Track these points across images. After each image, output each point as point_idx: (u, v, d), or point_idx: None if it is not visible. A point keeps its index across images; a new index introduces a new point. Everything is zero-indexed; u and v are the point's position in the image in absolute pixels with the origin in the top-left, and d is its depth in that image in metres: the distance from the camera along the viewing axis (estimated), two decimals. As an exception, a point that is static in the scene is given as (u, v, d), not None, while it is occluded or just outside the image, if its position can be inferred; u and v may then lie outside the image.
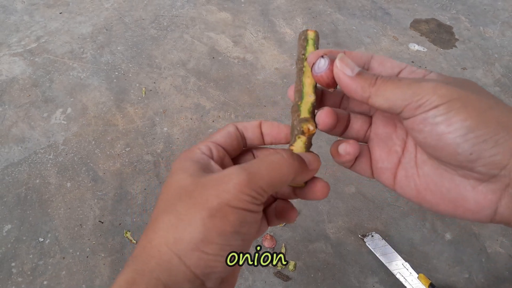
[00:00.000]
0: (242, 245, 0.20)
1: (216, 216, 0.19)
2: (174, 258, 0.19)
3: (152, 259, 0.19)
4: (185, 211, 0.20)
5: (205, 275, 0.19)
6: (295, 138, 0.23)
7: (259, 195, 0.20)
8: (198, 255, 0.19)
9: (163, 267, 0.19)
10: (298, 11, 1.32)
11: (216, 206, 0.19)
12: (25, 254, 0.74)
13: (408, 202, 0.88)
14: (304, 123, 0.23)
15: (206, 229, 0.19)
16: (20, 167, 0.87)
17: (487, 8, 1.42)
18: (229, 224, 0.19)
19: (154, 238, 0.20)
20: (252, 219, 0.20)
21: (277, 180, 0.21)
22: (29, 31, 1.16)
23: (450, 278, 0.77)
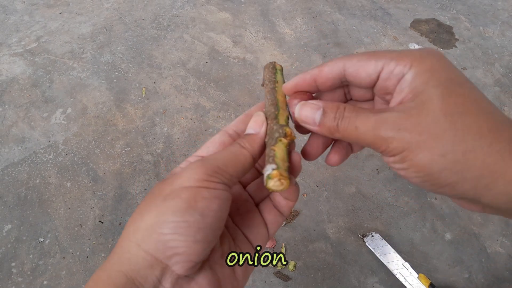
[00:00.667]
0: (203, 221, 0.20)
1: (169, 198, 0.20)
2: (133, 247, 0.19)
3: (115, 255, 0.20)
4: (144, 205, 0.21)
5: (167, 258, 0.19)
6: (276, 140, 0.24)
7: (215, 172, 0.21)
8: (156, 237, 0.19)
9: (123, 258, 0.19)
10: (298, 11, 1.32)
11: (169, 191, 0.20)
12: (25, 254, 0.74)
13: (408, 202, 0.88)
14: (287, 127, 0.24)
15: (160, 211, 0.20)
16: (20, 167, 0.87)
17: (487, 8, 1.42)
18: (181, 201, 0.19)
19: (120, 238, 0.21)
20: (209, 194, 0.20)
21: (232, 159, 0.22)
22: (29, 31, 1.16)
23: (450, 278, 0.77)
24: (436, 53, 0.20)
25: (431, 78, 0.19)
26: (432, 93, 0.19)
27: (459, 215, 0.87)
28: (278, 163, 0.22)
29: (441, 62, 0.20)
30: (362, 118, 0.20)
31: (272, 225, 0.25)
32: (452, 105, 0.18)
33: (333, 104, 0.22)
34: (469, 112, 0.18)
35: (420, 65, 0.19)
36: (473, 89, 0.19)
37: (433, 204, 0.88)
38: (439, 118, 0.18)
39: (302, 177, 0.89)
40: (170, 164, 0.90)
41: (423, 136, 0.19)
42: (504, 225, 0.86)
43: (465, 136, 0.18)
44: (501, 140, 0.18)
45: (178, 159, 0.91)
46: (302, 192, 0.87)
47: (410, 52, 0.20)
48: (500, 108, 1.10)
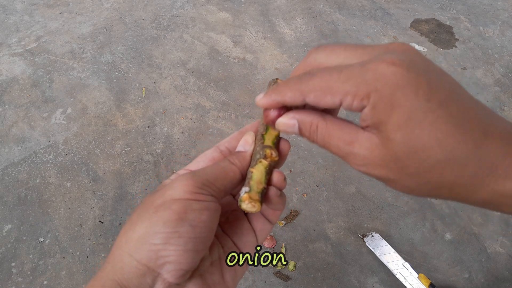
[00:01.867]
0: (193, 231, 0.20)
1: (160, 209, 0.21)
2: (126, 256, 0.20)
3: (108, 265, 0.21)
4: (136, 216, 0.22)
5: (159, 266, 0.20)
6: (256, 162, 0.24)
7: (204, 185, 0.22)
8: (147, 247, 0.20)
9: (116, 268, 0.20)
10: (298, 11, 1.32)
11: (160, 203, 0.21)
12: (25, 254, 0.74)
13: (408, 202, 0.88)
14: (267, 149, 0.25)
15: (151, 222, 0.20)
16: (20, 167, 0.87)
17: (487, 8, 1.42)
18: (172, 212, 0.20)
19: (113, 247, 0.21)
20: (199, 206, 0.21)
21: (220, 174, 0.23)
22: (29, 31, 1.16)
23: (450, 278, 0.77)
24: (399, 66, 0.19)
25: (390, 116, 0.18)
26: (393, 132, 0.19)
27: (459, 215, 0.87)
28: (252, 185, 0.23)
29: (404, 82, 0.18)
30: (333, 143, 0.21)
31: (260, 233, 0.26)
32: (416, 141, 0.18)
33: (306, 121, 0.22)
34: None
35: (379, 99, 0.19)
36: (443, 100, 0.18)
37: (433, 204, 0.88)
38: (404, 159, 0.19)
39: (302, 177, 0.89)
40: (170, 164, 0.90)
41: (389, 165, 0.20)
42: (504, 225, 0.86)
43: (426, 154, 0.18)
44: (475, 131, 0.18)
45: (178, 159, 0.91)
46: (302, 192, 0.87)
47: (370, 74, 0.19)
48: (500, 108, 1.10)
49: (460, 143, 0.18)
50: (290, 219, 0.82)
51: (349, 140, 0.20)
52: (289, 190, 0.86)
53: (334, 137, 0.21)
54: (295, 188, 0.87)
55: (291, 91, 0.21)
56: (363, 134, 0.20)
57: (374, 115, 0.19)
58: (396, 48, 0.20)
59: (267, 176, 0.24)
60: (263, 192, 0.24)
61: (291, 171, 0.90)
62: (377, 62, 0.19)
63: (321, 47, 0.22)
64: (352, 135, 0.20)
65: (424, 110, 0.18)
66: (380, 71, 0.18)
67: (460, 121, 0.18)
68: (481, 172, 0.18)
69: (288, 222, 0.82)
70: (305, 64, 0.23)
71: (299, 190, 0.87)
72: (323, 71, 0.20)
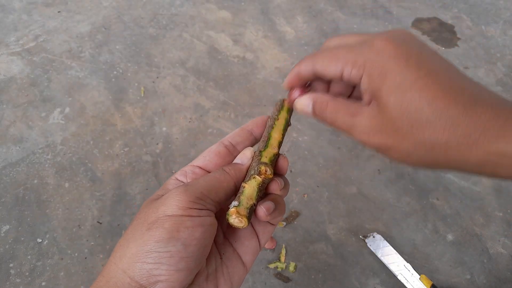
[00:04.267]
0: (185, 250, 0.20)
1: (153, 228, 0.21)
2: (119, 272, 0.20)
3: (103, 278, 0.21)
4: (130, 231, 0.22)
5: (151, 284, 0.20)
6: (250, 177, 0.25)
7: (198, 199, 0.22)
8: (140, 265, 0.20)
9: (111, 283, 0.20)
10: (298, 10, 1.31)
11: (153, 219, 0.21)
12: (23, 255, 0.74)
13: (410, 202, 0.87)
14: (262, 165, 0.25)
15: (144, 241, 0.20)
16: (18, 167, 0.86)
17: (489, 7, 1.41)
18: (164, 231, 0.20)
19: (108, 262, 0.22)
20: (192, 223, 0.21)
21: (214, 184, 0.23)
22: (27, 30, 1.15)
23: (452, 279, 0.77)
24: (392, 41, 0.21)
25: (383, 82, 0.20)
26: (386, 96, 0.20)
27: (461, 215, 0.86)
28: (242, 200, 0.23)
29: (395, 53, 0.21)
30: (340, 117, 0.23)
31: (263, 235, 0.26)
32: (407, 103, 0.20)
33: (320, 100, 0.25)
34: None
35: (373, 67, 0.21)
36: (432, 70, 0.20)
37: (435, 205, 0.88)
38: (398, 121, 0.20)
39: (303, 177, 0.88)
40: (169, 164, 0.89)
41: (390, 135, 0.21)
42: (506, 225, 0.85)
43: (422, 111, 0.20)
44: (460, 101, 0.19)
45: (177, 160, 0.90)
46: (302, 192, 0.86)
47: (366, 47, 0.21)
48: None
49: (450, 105, 0.19)
50: (291, 220, 0.82)
51: (354, 112, 0.23)
52: (290, 191, 0.85)
53: (341, 111, 0.23)
54: (296, 189, 0.86)
55: (304, 62, 0.25)
56: (366, 108, 0.22)
57: (370, 82, 0.21)
58: (392, 31, 0.22)
59: (259, 193, 0.24)
60: (252, 209, 0.23)
61: (292, 171, 0.89)
62: (373, 39, 0.22)
63: (335, 36, 0.26)
64: (357, 108, 0.23)
65: (415, 76, 0.19)
66: (375, 45, 0.21)
67: (449, 87, 0.19)
68: (473, 133, 0.18)
69: (288, 223, 0.81)
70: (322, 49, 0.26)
71: (300, 190, 0.86)
72: (332, 47, 0.24)
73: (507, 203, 0.89)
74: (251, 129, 0.28)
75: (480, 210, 0.87)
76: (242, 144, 0.27)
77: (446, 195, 0.89)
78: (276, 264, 0.75)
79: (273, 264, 0.75)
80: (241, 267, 0.24)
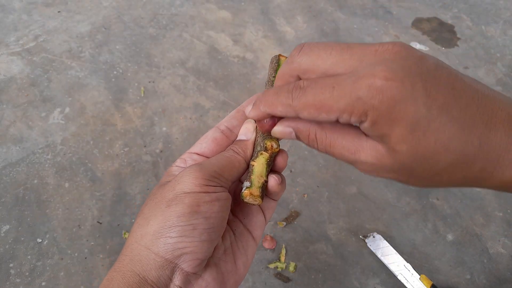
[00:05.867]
0: (207, 222, 0.21)
1: (173, 204, 0.21)
2: (143, 250, 0.21)
3: (126, 257, 0.22)
4: (148, 210, 0.22)
5: (176, 258, 0.21)
6: (257, 154, 0.25)
7: (212, 177, 0.23)
8: (164, 240, 0.21)
9: (135, 260, 0.21)
10: (298, 10, 1.31)
11: (172, 197, 0.22)
12: (23, 255, 0.74)
13: (410, 203, 0.87)
14: (268, 140, 0.25)
15: (165, 217, 0.21)
16: (18, 167, 0.86)
17: (489, 7, 1.41)
18: (185, 206, 0.21)
19: (128, 241, 0.22)
20: (210, 198, 0.22)
21: (227, 165, 0.24)
22: (27, 30, 1.15)
23: (452, 279, 0.77)
24: (393, 77, 0.18)
25: (392, 130, 0.18)
26: (398, 144, 0.18)
27: (461, 215, 0.86)
28: (253, 180, 0.24)
29: (400, 96, 0.18)
30: (337, 152, 0.21)
31: (267, 211, 0.27)
32: (423, 151, 0.18)
33: (303, 130, 0.22)
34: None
35: (378, 116, 0.18)
36: (443, 103, 0.18)
37: (435, 205, 0.87)
38: (413, 167, 0.19)
39: (303, 177, 0.88)
40: (169, 164, 0.89)
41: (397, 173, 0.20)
42: (506, 225, 0.85)
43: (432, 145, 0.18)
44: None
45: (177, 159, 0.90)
46: (302, 192, 0.86)
47: (364, 89, 0.18)
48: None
49: (466, 143, 0.18)
50: (291, 220, 0.81)
51: (353, 149, 0.20)
52: (290, 191, 0.85)
53: (337, 146, 0.21)
54: (296, 189, 0.86)
55: (282, 106, 0.21)
56: (367, 143, 0.20)
57: (376, 130, 0.19)
58: (386, 52, 0.19)
59: (268, 168, 0.25)
60: (264, 186, 0.24)
61: (292, 171, 0.89)
62: (369, 77, 0.18)
63: (305, 48, 0.21)
64: (355, 143, 0.20)
65: (426, 119, 0.18)
66: (375, 87, 0.17)
67: (463, 121, 0.18)
68: (488, 166, 0.18)
69: (288, 223, 0.81)
70: (290, 69, 0.22)
71: (300, 190, 0.86)
72: (314, 85, 0.19)
73: (507, 203, 0.89)
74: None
75: (480, 210, 0.87)
76: (239, 127, 0.27)
77: (446, 195, 0.89)
78: (276, 264, 0.75)
79: (273, 264, 0.75)
80: (252, 241, 0.26)
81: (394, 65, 0.18)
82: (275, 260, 0.76)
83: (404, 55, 0.19)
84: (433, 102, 0.18)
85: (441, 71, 0.19)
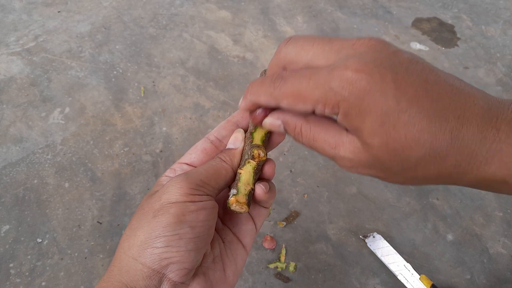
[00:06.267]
0: (192, 232, 0.21)
1: (159, 214, 0.22)
2: (131, 260, 0.21)
3: (114, 268, 0.22)
4: (135, 221, 0.23)
5: (163, 268, 0.21)
6: (244, 162, 0.25)
7: (198, 186, 0.23)
8: (150, 251, 0.21)
9: (123, 271, 0.21)
10: (298, 10, 1.31)
11: (158, 207, 0.22)
12: (23, 255, 0.74)
13: (410, 203, 0.87)
14: (255, 149, 0.25)
15: (151, 228, 0.21)
16: (18, 167, 0.86)
17: (489, 7, 1.41)
18: (170, 216, 0.21)
19: (117, 252, 0.23)
20: (195, 207, 0.22)
21: (213, 173, 0.24)
22: (27, 30, 1.15)
23: (452, 279, 0.77)
24: (364, 69, 0.18)
25: (363, 122, 0.18)
26: (369, 137, 0.19)
27: (461, 215, 0.86)
28: (239, 188, 0.24)
29: (370, 87, 0.18)
30: (319, 146, 0.21)
31: (258, 219, 0.27)
32: (394, 144, 0.18)
33: (290, 123, 0.22)
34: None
35: (349, 107, 0.18)
36: (413, 97, 0.18)
37: (435, 205, 0.87)
38: (386, 161, 0.19)
39: (303, 177, 0.88)
40: (169, 164, 0.89)
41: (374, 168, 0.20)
42: (506, 225, 0.85)
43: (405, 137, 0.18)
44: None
45: (177, 159, 0.90)
46: (302, 192, 0.86)
47: (337, 81, 0.18)
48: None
49: (437, 137, 0.18)
50: (291, 220, 0.81)
51: (334, 143, 0.21)
52: (290, 191, 0.85)
53: (319, 140, 0.21)
54: (296, 189, 0.86)
55: (264, 95, 0.21)
56: (347, 137, 0.20)
57: (347, 122, 0.19)
58: (361, 46, 0.19)
59: (255, 176, 0.25)
60: (251, 194, 0.24)
61: (292, 171, 0.89)
62: (342, 68, 0.18)
63: (291, 40, 0.22)
64: (337, 138, 0.21)
65: (396, 111, 0.18)
66: (345, 79, 0.18)
67: (434, 114, 0.18)
68: (462, 161, 0.18)
69: (288, 223, 0.81)
70: (277, 59, 0.23)
71: (300, 190, 0.86)
72: (293, 76, 0.20)
73: (507, 203, 0.89)
74: (236, 121, 0.27)
75: (480, 210, 0.87)
76: (229, 137, 0.27)
77: (446, 195, 0.89)
78: (276, 264, 0.75)
79: (273, 264, 0.75)
80: (242, 249, 0.26)
81: (366, 57, 0.18)
82: (275, 260, 0.76)
83: (379, 48, 0.19)
84: (403, 95, 0.18)
85: (415, 65, 0.19)
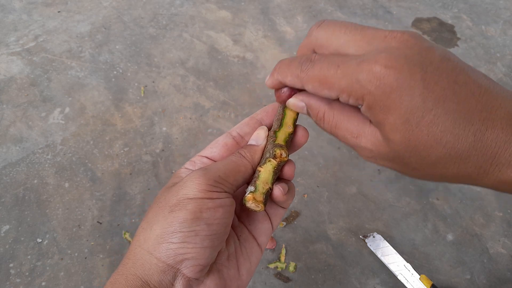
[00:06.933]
0: (209, 229, 0.21)
1: (176, 210, 0.21)
2: (146, 254, 0.21)
3: (129, 261, 0.22)
4: (152, 215, 0.22)
5: (178, 263, 0.21)
6: (265, 160, 0.25)
7: (216, 182, 0.22)
8: (166, 246, 0.21)
9: (138, 264, 0.21)
10: (298, 10, 1.31)
11: (175, 202, 0.22)
12: (23, 255, 0.74)
13: (410, 203, 0.87)
14: (278, 148, 0.24)
15: (168, 223, 0.21)
16: (18, 167, 0.86)
17: (489, 7, 1.41)
18: (188, 212, 0.21)
19: (131, 245, 0.23)
20: (213, 204, 0.22)
21: (232, 169, 0.24)
22: (27, 30, 1.15)
23: (452, 279, 0.77)
24: (393, 65, 0.18)
25: (387, 117, 0.18)
26: (391, 133, 0.19)
27: (461, 215, 0.86)
28: (257, 185, 0.24)
29: (397, 84, 0.18)
30: (340, 134, 0.21)
31: (275, 218, 0.27)
32: (416, 142, 0.18)
33: (314, 107, 0.23)
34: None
35: (374, 101, 0.18)
36: (440, 97, 0.18)
37: (435, 205, 0.87)
38: (406, 157, 0.19)
39: (303, 177, 0.88)
40: (169, 164, 0.89)
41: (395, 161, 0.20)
42: (506, 225, 0.85)
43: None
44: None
45: (177, 159, 0.90)
46: (302, 192, 0.86)
47: (364, 73, 0.18)
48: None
49: (459, 138, 0.18)
50: (291, 220, 0.81)
51: (356, 133, 0.21)
52: (290, 191, 0.85)
53: (341, 128, 0.21)
54: (296, 189, 0.86)
55: (291, 76, 0.22)
56: (369, 129, 0.20)
57: (371, 115, 0.19)
58: (393, 39, 0.19)
59: (274, 176, 0.24)
60: (268, 193, 0.24)
61: (292, 171, 0.89)
62: (371, 62, 0.18)
63: (323, 24, 0.22)
64: (359, 127, 0.21)
65: (421, 110, 0.18)
66: (373, 73, 0.18)
67: (459, 115, 0.17)
68: (484, 163, 0.18)
69: (288, 223, 0.81)
70: (308, 42, 0.23)
71: (300, 190, 0.86)
72: (322, 61, 0.20)
73: (507, 203, 0.89)
74: (260, 118, 0.27)
75: (480, 210, 0.87)
76: (251, 134, 0.26)
77: (446, 195, 0.89)
78: (276, 264, 0.75)
79: (273, 264, 0.75)
80: (257, 248, 0.26)
81: (397, 52, 0.18)
82: (275, 260, 0.76)
83: (411, 44, 0.19)
84: (430, 94, 0.18)
85: (446, 63, 0.18)
